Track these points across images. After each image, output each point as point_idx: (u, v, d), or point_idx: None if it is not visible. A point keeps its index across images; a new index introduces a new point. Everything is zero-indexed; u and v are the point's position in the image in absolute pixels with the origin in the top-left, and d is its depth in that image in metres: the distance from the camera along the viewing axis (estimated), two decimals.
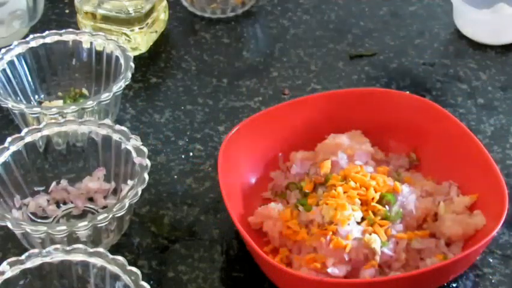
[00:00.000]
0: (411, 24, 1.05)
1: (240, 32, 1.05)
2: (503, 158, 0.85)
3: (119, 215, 0.71)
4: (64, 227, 0.70)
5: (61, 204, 0.80)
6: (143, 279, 0.64)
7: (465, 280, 0.74)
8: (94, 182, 0.80)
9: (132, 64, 0.86)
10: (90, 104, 0.81)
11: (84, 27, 0.98)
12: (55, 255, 0.66)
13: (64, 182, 0.81)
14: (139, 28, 0.97)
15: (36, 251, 0.66)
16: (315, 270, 0.70)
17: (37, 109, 0.83)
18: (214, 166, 0.84)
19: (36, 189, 0.80)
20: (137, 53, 0.98)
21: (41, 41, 0.89)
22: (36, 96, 0.91)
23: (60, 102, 0.90)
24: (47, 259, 0.66)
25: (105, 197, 0.80)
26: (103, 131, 0.79)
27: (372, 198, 0.74)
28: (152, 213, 0.81)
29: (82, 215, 0.79)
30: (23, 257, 0.66)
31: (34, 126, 0.79)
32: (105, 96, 0.82)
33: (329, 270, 0.69)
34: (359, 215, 0.72)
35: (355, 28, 1.04)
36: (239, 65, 1.00)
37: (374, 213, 0.73)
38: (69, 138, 0.80)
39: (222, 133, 0.89)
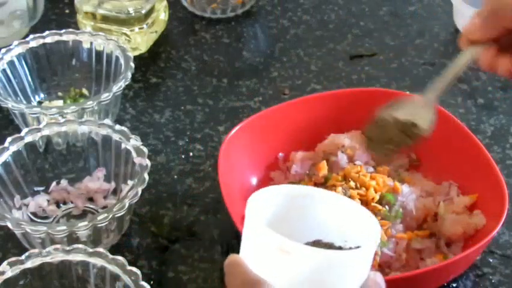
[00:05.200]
0: (411, 24, 1.05)
1: (240, 32, 1.05)
2: (503, 158, 0.85)
3: (119, 215, 0.71)
4: (64, 227, 0.70)
5: (61, 204, 0.80)
6: (143, 279, 0.64)
7: (465, 280, 0.74)
8: (94, 182, 0.80)
9: (132, 64, 0.86)
10: (90, 104, 0.81)
11: (84, 27, 0.98)
12: (55, 255, 0.66)
13: (64, 182, 0.81)
14: (139, 28, 0.97)
15: (36, 251, 0.66)
16: None
17: (37, 109, 0.83)
18: (214, 166, 0.84)
19: (36, 189, 0.80)
20: (137, 53, 0.98)
21: (41, 41, 0.89)
22: (36, 96, 0.91)
23: (60, 102, 0.90)
24: (47, 259, 0.66)
25: (105, 197, 0.80)
26: (103, 131, 0.79)
27: (372, 198, 0.74)
28: (152, 213, 0.80)
29: (82, 215, 0.79)
30: (23, 257, 0.66)
31: (34, 126, 0.79)
32: (105, 96, 0.82)
33: None
34: None
35: (355, 28, 1.04)
36: (239, 65, 1.00)
37: (374, 213, 0.73)
38: (69, 138, 0.80)
39: (222, 133, 0.89)
